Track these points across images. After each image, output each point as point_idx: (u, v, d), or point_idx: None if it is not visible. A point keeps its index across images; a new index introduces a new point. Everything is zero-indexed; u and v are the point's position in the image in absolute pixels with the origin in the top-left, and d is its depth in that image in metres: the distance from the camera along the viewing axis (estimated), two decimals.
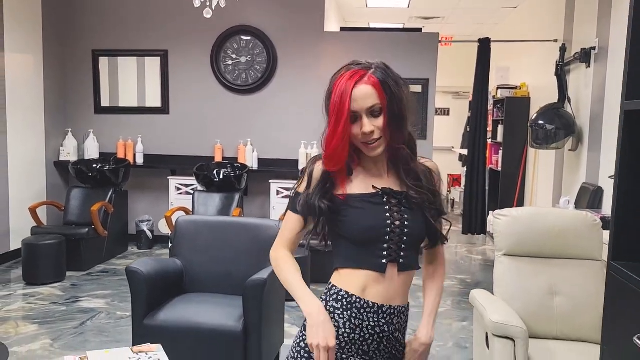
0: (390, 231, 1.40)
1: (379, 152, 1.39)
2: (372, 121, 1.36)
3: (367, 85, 1.34)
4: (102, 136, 6.09)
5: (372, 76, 1.35)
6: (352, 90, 1.33)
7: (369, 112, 1.35)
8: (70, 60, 6.07)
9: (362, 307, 1.41)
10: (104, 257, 5.31)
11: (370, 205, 1.41)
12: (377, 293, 1.42)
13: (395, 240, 1.41)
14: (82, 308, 4.07)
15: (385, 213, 1.41)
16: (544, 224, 2.80)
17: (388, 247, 1.41)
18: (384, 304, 1.42)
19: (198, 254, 3.10)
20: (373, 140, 1.37)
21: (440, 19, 8.08)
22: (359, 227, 1.41)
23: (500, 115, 6.83)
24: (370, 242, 1.41)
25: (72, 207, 5.33)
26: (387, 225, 1.40)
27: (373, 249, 1.41)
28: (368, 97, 1.34)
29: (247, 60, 5.92)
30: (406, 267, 1.44)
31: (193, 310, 2.78)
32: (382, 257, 1.41)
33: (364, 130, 1.35)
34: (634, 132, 1.16)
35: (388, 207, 1.41)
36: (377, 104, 1.35)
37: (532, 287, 2.71)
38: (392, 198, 1.42)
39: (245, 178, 5.51)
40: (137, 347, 2.15)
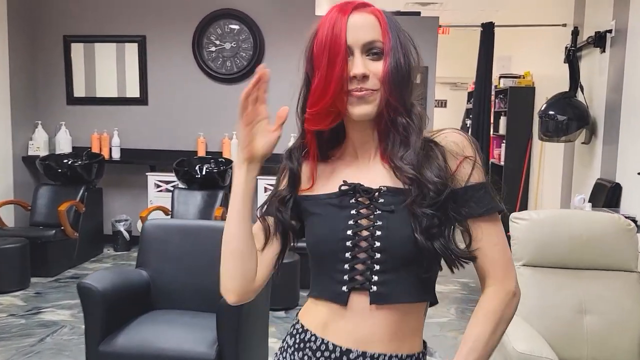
0: (351, 245, 0.98)
1: (367, 110, 0.97)
2: (367, 63, 0.96)
3: (367, 14, 0.98)
4: (75, 129, 5.63)
5: (377, 9, 0.99)
6: (349, 17, 0.96)
7: (366, 50, 0.97)
8: (40, 47, 5.60)
9: (318, 348, 1.01)
10: (74, 261, 4.87)
11: (331, 209, 1.01)
12: (341, 332, 1.00)
13: (361, 258, 0.97)
14: (43, 321, 3.64)
15: (349, 219, 0.98)
16: (570, 229, 2.40)
17: (350, 268, 0.98)
18: (352, 349, 0.98)
19: (168, 264, 2.68)
20: (364, 90, 0.96)
21: (437, 5, 7.67)
22: (311, 240, 1.04)
23: (502, 106, 6.44)
24: (325, 262, 1.01)
25: (40, 207, 4.88)
26: (347, 237, 0.98)
27: (330, 271, 1.00)
28: (368, 27, 0.96)
29: (232, 47, 5.48)
30: (384, 298, 0.97)
31: (159, 332, 2.36)
32: (341, 283, 0.99)
33: (355, 72, 0.95)
34: None
35: (354, 211, 0.99)
36: (377, 41, 0.97)
37: (558, 303, 2.31)
38: (364, 196, 0.99)
39: (230, 174, 5.07)
40: None
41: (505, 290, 1.00)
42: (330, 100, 0.97)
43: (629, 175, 3.80)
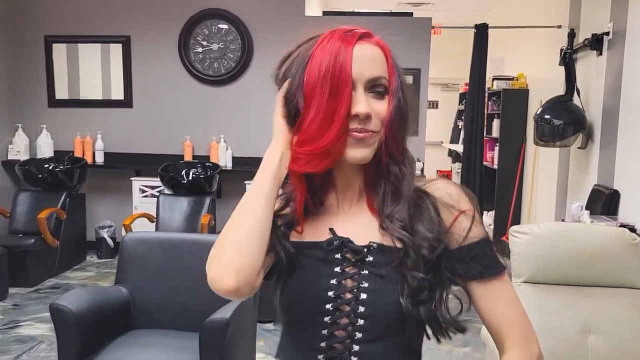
0: (332, 309, 0.86)
1: (365, 154, 0.85)
2: (370, 102, 0.85)
3: (373, 46, 0.86)
4: (56, 132, 5.44)
5: (379, 38, 0.89)
6: (354, 47, 0.84)
7: (369, 86, 0.85)
8: (20, 47, 5.40)
9: None
10: (55, 270, 4.69)
11: (315, 262, 0.88)
12: None
13: (342, 324, 0.86)
14: (20, 336, 3.47)
15: (331, 278, 0.86)
16: (573, 244, 2.28)
17: (329, 334, 0.86)
18: None
19: (149, 280, 2.53)
20: (366, 132, 0.84)
21: (430, 5, 7.56)
22: (287, 297, 0.90)
23: (495, 109, 6.33)
24: (300, 324, 0.90)
25: (19, 214, 4.69)
26: (328, 298, 0.86)
27: (305, 335, 0.88)
28: (374, 62, 0.84)
29: (220, 48, 5.32)
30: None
31: (138, 355, 2.21)
32: (317, 351, 0.86)
33: (359, 110, 0.82)
34: None
35: (339, 269, 0.87)
36: (383, 78, 0.85)
37: (561, 323, 2.19)
38: (351, 252, 0.87)
39: (218, 179, 4.92)
40: None
41: (531, 355, 0.88)
42: (331, 140, 0.83)
43: (627, 182, 3.71)
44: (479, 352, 3.24)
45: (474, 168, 5.35)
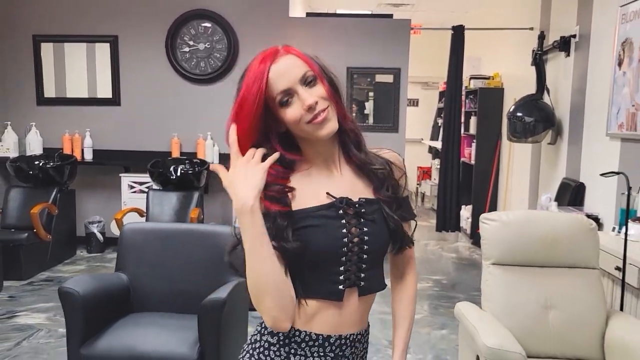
0: (347, 251, 1.12)
1: (332, 126, 1.10)
2: (310, 91, 1.08)
3: (287, 57, 1.09)
4: (45, 130, 5.55)
5: (289, 47, 1.12)
6: (270, 67, 1.07)
7: (303, 82, 1.08)
8: (8, 47, 5.50)
9: (302, 340, 1.15)
10: (48, 264, 4.82)
11: (326, 220, 1.11)
12: (326, 323, 1.15)
13: (353, 260, 1.14)
14: (18, 325, 3.61)
15: (342, 228, 1.12)
16: (537, 230, 2.52)
17: (345, 270, 1.13)
18: (332, 334, 1.16)
19: (147, 267, 2.71)
20: (321, 111, 1.08)
21: (409, 6, 7.79)
22: (311, 250, 1.10)
23: (472, 107, 6.59)
24: (322, 266, 1.13)
25: (11, 209, 4.81)
26: (343, 244, 1.11)
27: (327, 274, 1.13)
28: (294, 67, 1.08)
29: (206, 48, 5.48)
30: (368, 290, 1.18)
31: (140, 335, 2.39)
32: (338, 283, 1.13)
33: (308, 103, 1.06)
34: None
35: (345, 221, 1.12)
36: (308, 71, 1.09)
37: (525, 300, 2.43)
38: (349, 207, 1.13)
39: (205, 175, 5.09)
40: None
41: (416, 276, 1.34)
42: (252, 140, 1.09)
43: (591, 175, 3.97)
44: (455, 334, 3.47)
45: (451, 164, 5.58)
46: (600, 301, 2.43)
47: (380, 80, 5.61)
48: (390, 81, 5.56)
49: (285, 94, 1.07)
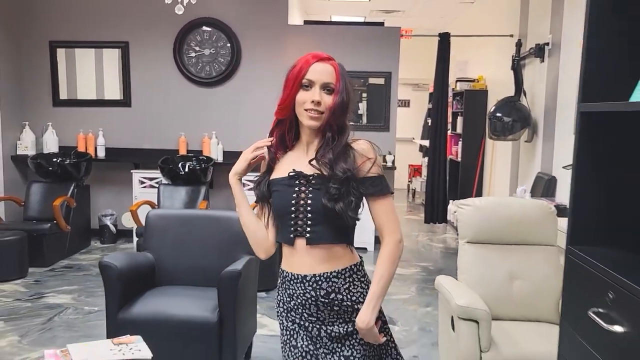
0: (294, 209, 1.56)
1: (315, 124, 1.54)
2: (322, 95, 1.53)
3: (329, 65, 1.56)
4: (61, 129, 5.95)
5: (335, 63, 1.58)
6: (314, 63, 1.54)
7: (323, 87, 1.54)
8: (27, 52, 5.90)
9: (290, 279, 1.61)
10: (66, 253, 5.23)
11: (284, 187, 1.59)
12: (295, 264, 1.60)
13: (300, 217, 1.56)
14: (47, 304, 4.02)
15: (293, 193, 1.57)
16: (505, 213, 2.96)
17: (294, 223, 1.57)
18: (307, 274, 1.58)
19: (168, 247, 3.12)
20: (316, 111, 1.53)
21: (401, 12, 8.22)
22: (274, 206, 1.62)
23: (459, 108, 7.04)
24: (282, 219, 1.61)
25: (32, 203, 5.21)
26: (292, 204, 1.56)
27: (285, 224, 1.60)
28: (327, 73, 1.54)
29: (211, 53, 5.90)
30: (315, 240, 1.56)
31: (167, 302, 2.81)
32: (290, 233, 1.58)
33: (314, 98, 1.52)
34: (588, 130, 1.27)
35: (297, 188, 1.57)
36: (332, 83, 1.54)
37: (494, 272, 2.87)
38: (303, 179, 1.57)
39: (211, 171, 5.51)
40: (117, 339, 2.17)
41: (395, 239, 1.58)
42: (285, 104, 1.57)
43: (562, 169, 4.41)
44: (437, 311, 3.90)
45: (438, 160, 6.01)
46: (557, 273, 2.86)
47: (373, 82, 6.05)
48: (382, 83, 6.00)
49: (309, 82, 1.53)
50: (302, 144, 1.63)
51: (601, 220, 1.26)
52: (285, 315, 1.66)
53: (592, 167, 1.24)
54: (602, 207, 1.26)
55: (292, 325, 1.63)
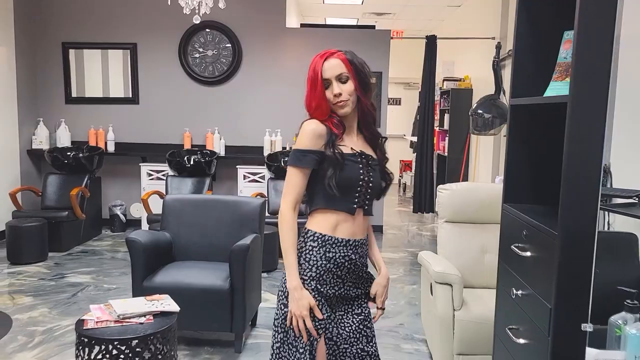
0: (361, 183, 1.76)
1: (346, 110, 1.75)
2: (340, 86, 1.72)
3: (335, 59, 1.74)
4: (73, 125, 6.36)
5: (340, 53, 1.76)
6: (323, 62, 1.73)
7: (338, 79, 1.73)
8: (41, 53, 6.30)
9: (333, 243, 1.78)
10: (81, 239, 5.64)
11: (352, 163, 1.76)
12: (345, 230, 1.79)
13: (363, 191, 1.78)
14: (70, 282, 4.43)
15: (360, 170, 1.77)
16: (477, 196, 3.40)
17: (359, 195, 1.78)
18: (350, 239, 1.79)
19: (184, 228, 3.54)
20: (341, 101, 1.72)
21: (391, 15, 8.66)
22: (343, 178, 1.74)
23: (446, 105, 7.49)
24: (346, 190, 1.76)
25: (49, 193, 5.61)
26: (360, 179, 1.76)
27: (348, 196, 1.77)
28: (336, 67, 1.73)
29: (214, 54, 6.31)
30: (368, 212, 1.84)
31: (185, 273, 3.23)
32: (353, 203, 1.78)
33: (334, 92, 1.72)
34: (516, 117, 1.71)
35: (361, 166, 1.77)
36: (344, 72, 1.72)
37: (468, 247, 3.31)
38: (364, 158, 1.79)
39: (215, 164, 5.93)
40: (149, 296, 2.60)
41: None
42: (316, 105, 1.74)
43: None
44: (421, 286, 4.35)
45: (426, 155, 6.46)
46: None
47: None
48: (373, 82, 6.42)
49: (326, 81, 1.72)
50: (348, 130, 1.81)
51: (525, 183, 1.70)
52: (317, 280, 1.75)
53: (518, 144, 1.68)
54: (525, 174, 1.69)
55: (318, 296, 1.76)
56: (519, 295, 1.66)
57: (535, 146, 1.57)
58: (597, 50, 1.26)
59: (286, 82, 6.27)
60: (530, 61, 1.63)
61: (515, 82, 1.69)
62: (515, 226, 1.68)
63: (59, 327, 3.52)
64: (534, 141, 1.60)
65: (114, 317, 2.34)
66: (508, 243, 1.74)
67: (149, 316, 2.39)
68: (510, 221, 1.75)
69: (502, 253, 1.84)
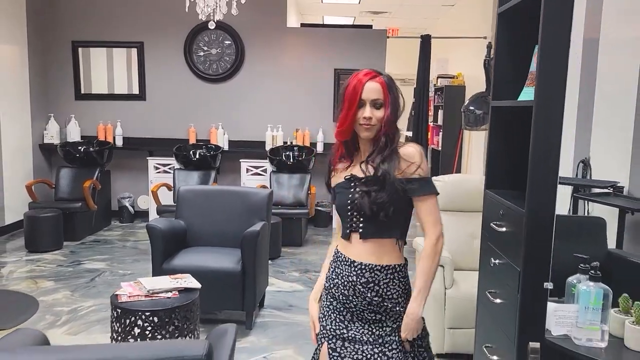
0: (350, 208, 1.74)
1: (369, 134, 1.72)
2: (373, 111, 1.69)
3: (377, 83, 1.70)
4: (82, 121, 6.63)
5: (382, 79, 1.71)
6: (366, 83, 1.69)
7: (373, 103, 1.70)
8: (52, 51, 6.56)
9: (341, 260, 1.80)
10: (92, 229, 5.92)
11: (342, 189, 1.78)
12: (350, 252, 1.78)
13: (355, 214, 1.74)
14: (87, 269, 4.73)
15: (349, 194, 1.74)
16: (467, 187, 3.71)
17: (349, 220, 1.75)
18: (355, 260, 1.75)
19: (197, 216, 3.84)
20: (369, 125, 1.69)
21: (387, 14, 8.94)
22: (336, 207, 1.83)
23: (440, 101, 7.80)
24: (341, 217, 1.81)
25: (62, 185, 5.89)
26: (348, 204, 1.75)
27: (343, 222, 1.81)
28: (376, 91, 1.69)
29: (217, 52, 6.59)
30: (367, 235, 1.73)
31: (199, 257, 3.53)
32: (347, 228, 1.78)
33: (365, 115, 1.68)
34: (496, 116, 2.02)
35: (352, 190, 1.74)
36: (380, 99, 1.70)
37: (459, 233, 3.62)
38: (357, 181, 1.74)
39: (220, 157, 6.22)
40: (173, 275, 2.90)
41: (434, 236, 1.78)
42: (347, 125, 1.73)
43: None
44: None
45: None
46: None
47: None
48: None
49: (362, 101, 1.68)
50: (360, 152, 1.79)
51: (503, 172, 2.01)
52: (327, 290, 1.83)
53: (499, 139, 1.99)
54: (503, 164, 2.00)
55: (328, 304, 1.81)
56: (496, 264, 1.98)
57: (512, 141, 1.86)
58: (555, 64, 1.55)
59: (287, 80, 6.56)
60: (509, 69, 1.93)
61: (496, 86, 2.00)
62: (494, 207, 2.00)
63: (82, 308, 3.82)
64: (511, 137, 1.90)
65: (144, 292, 2.64)
66: (488, 221, 2.05)
67: (174, 292, 2.69)
68: (490, 203, 2.07)
69: (484, 230, 2.16)
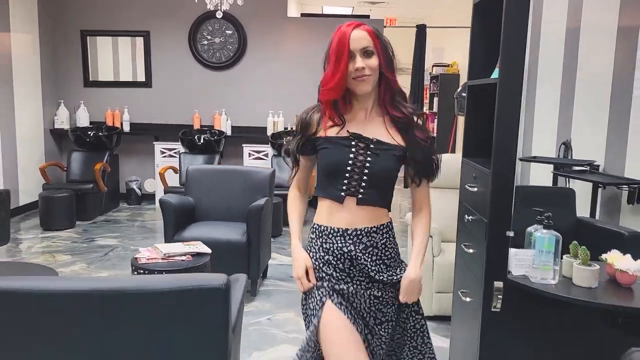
0: (350, 169, 1.59)
1: (366, 88, 1.58)
2: (364, 60, 1.56)
3: (362, 30, 1.59)
4: (91, 107, 6.91)
5: (367, 26, 1.61)
6: (351, 33, 1.57)
7: (363, 52, 1.57)
8: (62, 40, 6.82)
9: (329, 233, 1.66)
10: (102, 210, 6.23)
11: (337, 146, 1.62)
12: (337, 219, 1.64)
13: (355, 177, 1.60)
14: (100, 245, 5.03)
15: (350, 154, 1.59)
16: (455, 165, 3.98)
17: (348, 182, 1.61)
18: (349, 228, 1.62)
19: (205, 193, 4.14)
20: (363, 75, 1.55)
21: (385, 4, 9.19)
22: (326, 163, 1.64)
23: (435, 89, 8.07)
24: (332, 176, 1.64)
25: (74, 168, 6.19)
26: (349, 164, 1.59)
27: (335, 182, 1.63)
28: (362, 39, 1.57)
29: (221, 41, 6.85)
30: (365, 201, 1.61)
31: (208, 229, 3.83)
32: (341, 190, 1.63)
33: (357, 66, 1.55)
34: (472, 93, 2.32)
35: (354, 150, 1.59)
36: (369, 46, 1.57)
37: (447, 208, 3.92)
38: (360, 142, 1.60)
39: (223, 142, 6.50)
40: (185, 242, 3.20)
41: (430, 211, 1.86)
42: (334, 84, 1.57)
43: None
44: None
45: None
46: None
47: None
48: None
49: (351, 52, 1.54)
50: (355, 110, 1.64)
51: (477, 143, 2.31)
52: (318, 269, 1.66)
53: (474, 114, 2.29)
54: (478, 136, 2.29)
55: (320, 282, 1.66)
56: (470, 220, 2.28)
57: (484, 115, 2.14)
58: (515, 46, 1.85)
59: (287, 68, 6.83)
60: (483, 52, 2.22)
61: (472, 68, 2.30)
62: (469, 172, 2.31)
63: (100, 278, 4.13)
64: (483, 111, 2.18)
65: (161, 256, 2.94)
66: (464, 184, 2.36)
67: (188, 255, 2.99)
68: (466, 169, 2.38)
69: (461, 192, 2.46)
